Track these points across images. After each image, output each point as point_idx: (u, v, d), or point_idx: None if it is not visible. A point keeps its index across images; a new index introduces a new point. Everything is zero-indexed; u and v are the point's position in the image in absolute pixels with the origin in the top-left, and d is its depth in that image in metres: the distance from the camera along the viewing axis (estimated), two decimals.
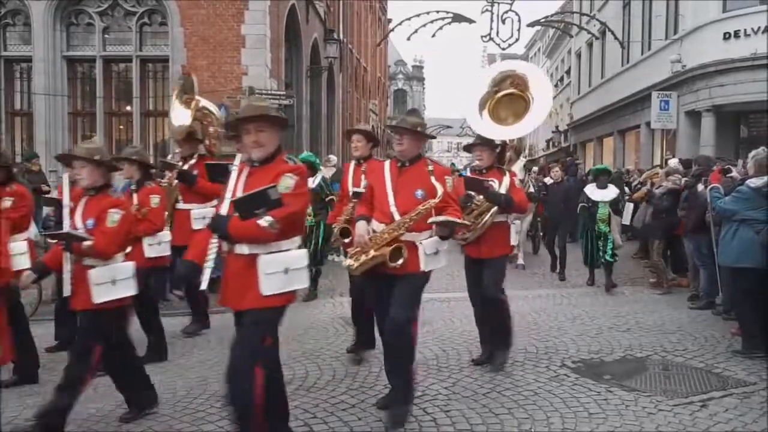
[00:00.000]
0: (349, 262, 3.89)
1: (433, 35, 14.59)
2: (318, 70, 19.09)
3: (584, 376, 4.77)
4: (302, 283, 3.29)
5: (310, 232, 7.56)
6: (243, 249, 3.18)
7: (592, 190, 8.68)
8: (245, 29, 13.30)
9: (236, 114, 11.57)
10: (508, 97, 5.24)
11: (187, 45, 13.32)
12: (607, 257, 8.49)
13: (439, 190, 3.83)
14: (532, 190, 10.01)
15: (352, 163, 5.35)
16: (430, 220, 3.81)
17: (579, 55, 26.38)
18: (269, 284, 3.14)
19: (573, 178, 12.62)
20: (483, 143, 5.02)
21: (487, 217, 4.81)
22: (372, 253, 3.79)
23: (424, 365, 5.04)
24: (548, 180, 11.32)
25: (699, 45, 14.17)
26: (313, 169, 7.41)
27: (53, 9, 13.44)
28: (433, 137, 11.20)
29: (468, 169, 9.73)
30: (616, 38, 16.30)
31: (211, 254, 3.16)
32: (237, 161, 3.33)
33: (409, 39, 26.99)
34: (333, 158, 12.84)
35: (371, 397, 4.32)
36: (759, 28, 12.83)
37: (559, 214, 9.71)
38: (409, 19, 14.59)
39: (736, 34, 13.25)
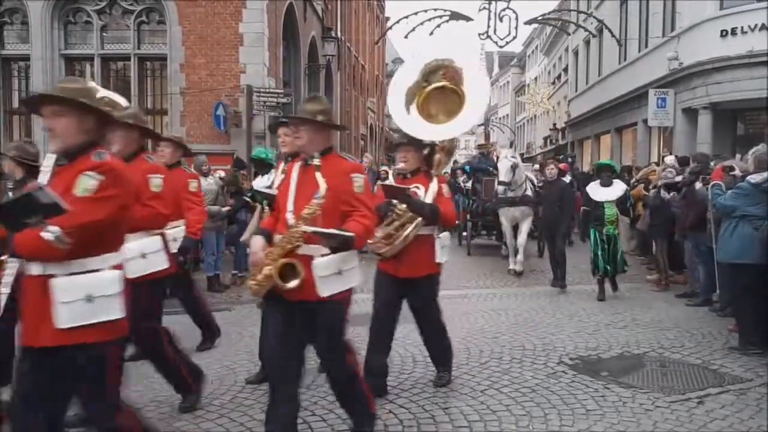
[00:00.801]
0: (249, 282, 3.25)
1: (431, 33, 14.59)
2: (316, 68, 19.08)
3: (582, 373, 4.80)
4: (114, 313, 2.57)
5: None
6: (35, 268, 2.49)
7: (594, 189, 7.84)
8: (243, 27, 13.29)
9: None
10: (439, 91, 4.53)
11: (185, 43, 13.31)
12: (619, 267, 7.72)
13: (322, 188, 3.12)
14: (529, 192, 9.71)
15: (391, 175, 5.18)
16: (308, 230, 3.08)
17: (576, 53, 26.38)
18: (66, 315, 2.45)
19: (572, 176, 12.53)
20: (409, 143, 4.32)
21: (409, 230, 4.08)
22: (266, 270, 3.11)
23: (422, 363, 5.06)
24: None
25: (696, 42, 14.18)
26: (268, 167, 6.60)
27: (51, 7, 13.41)
28: (342, 127, 10.45)
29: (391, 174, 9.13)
30: (613, 36, 16.32)
31: (7, 275, 2.66)
32: (48, 161, 2.67)
33: (406, 37, 27.03)
34: None
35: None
36: (756, 25, 12.84)
37: (554, 217, 8.51)
38: (406, 17, 14.62)
39: (733, 32, 13.25)
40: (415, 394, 4.36)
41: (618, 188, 7.83)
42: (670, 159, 9.20)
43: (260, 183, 6.81)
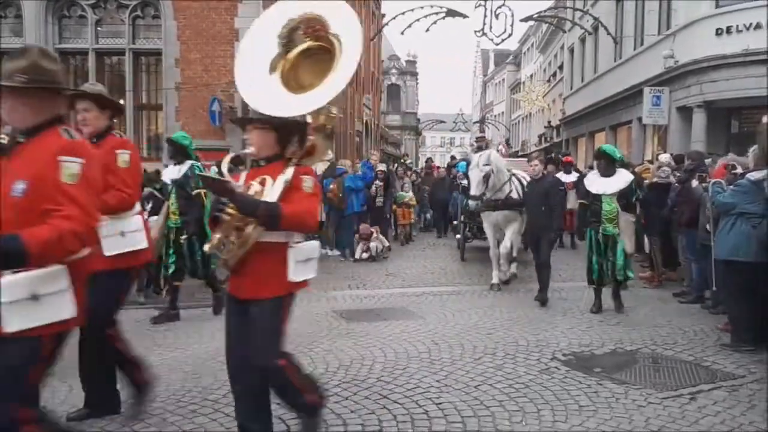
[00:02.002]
0: None
1: (427, 30, 14.60)
2: None
3: (575, 369, 4.82)
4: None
5: (177, 236, 6.45)
6: None
7: (592, 180, 6.91)
8: (238, 23, 13.24)
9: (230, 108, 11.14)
10: (306, 55, 3.36)
11: (180, 38, 13.26)
12: (619, 275, 6.66)
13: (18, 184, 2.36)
14: (515, 194, 8.33)
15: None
16: None
17: (572, 51, 26.40)
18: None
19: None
20: (261, 120, 3.21)
21: (250, 231, 3.07)
22: None
23: (416, 358, 5.08)
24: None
25: (691, 41, 14.21)
26: (184, 155, 6.50)
27: (45, 1, 13.33)
28: (62, 89, 2.89)
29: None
30: (608, 33, 16.36)
31: None
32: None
33: (402, 33, 26.97)
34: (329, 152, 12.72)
35: (364, 390, 4.35)
36: (751, 24, 12.88)
37: (539, 220, 7.38)
38: (403, 13, 14.62)
39: (729, 30, 13.28)
40: (409, 390, 4.37)
41: (621, 179, 6.70)
42: (664, 157, 9.21)
43: (170, 173, 6.71)
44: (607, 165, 6.73)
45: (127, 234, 3.77)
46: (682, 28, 14.60)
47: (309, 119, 3.31)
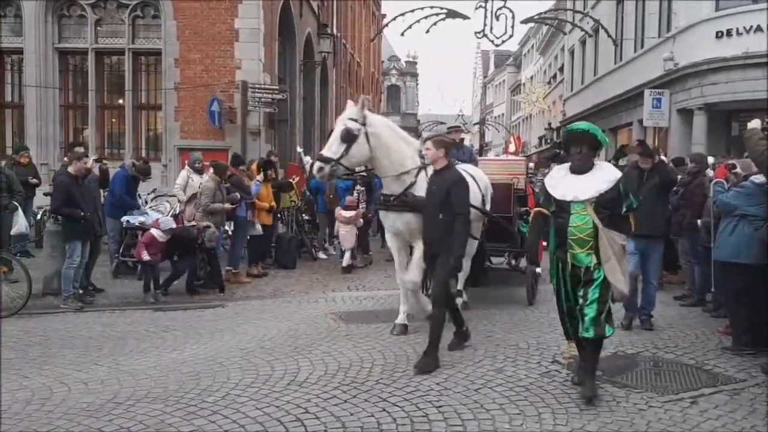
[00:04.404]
0: None
1: (427, 31, 14.55)
2: (311, 64, 19.02)
3: (576, 373, 4.79)
4: None
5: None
6: None
7: (556, 179, 4.36)
8: (238, 23, 13.24)
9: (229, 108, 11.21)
10: None
11: (180, 38, 13.25)
12: (585, 331, 4.13)
13: None
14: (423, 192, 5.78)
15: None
16: None
17: (572, 53, 26.41)
18: None
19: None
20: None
21: None
22: None
23: (416, 361, 5.04)
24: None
25: (692, 43, 14.21)
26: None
27: (45, 1, 13.32)
28: None
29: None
30: (609, 36, 16.33)
31: None
32: None
33: (402, 35, 26.95)
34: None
35: (363, 393, 4.32)
36: (751, 27, 12.87)
37: (434, 232, 5.18)
38: (403, 14, 14.56)
39: (729, 33, 13.28)
40: (409, 393, 4.34)
41: (601, 177, 4.20)
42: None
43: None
44: (588, 154, 4.25)
45: None
46: (683, 30, 14.60)
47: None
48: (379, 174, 5.84)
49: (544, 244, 4.85)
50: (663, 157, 7.40)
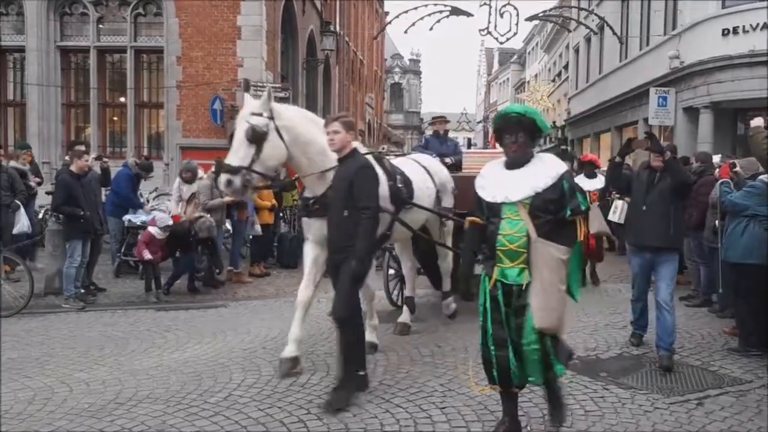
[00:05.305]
0: None
1: (431, 28, 14.52)
2: (314, 62, 18.99)
3: (580, 374, 4.75)
4: None
5: None
6: None
7: (487, 177, 3.61)
8: (241, 20, 13.21)
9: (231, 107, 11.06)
10: None
11: (182, 36, 13.22)
12: (532, 376, 3.45)
13: None
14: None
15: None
16: None
17: (577, 50, 26.31)
18: None
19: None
20: None
21: None
22: None
23: (419, 362, 5.01)
24: None
25: (697, 41, 14.12)
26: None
27: None
28: None
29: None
30: (614, 33, 16.27)
31: None
32: None
33: (406, 32, 26.95)
34: None
35: (366, 394, 4.29)
36: (758, 24, 12.78)
37: (337, 233, 4.37)
38: (406, 12, 14.53)
39: (735, 31, 13.19)
40: (412, 394, 4.30)
41: (541, 173, 3.42)
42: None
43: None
44: (525, 143, 3.43)
45: None
46: (688, 28, 14.50)
47: None
48: (299, 175, 4.84)
49: None
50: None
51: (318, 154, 4.55)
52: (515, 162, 3.45)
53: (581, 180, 8.31)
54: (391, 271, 7.06)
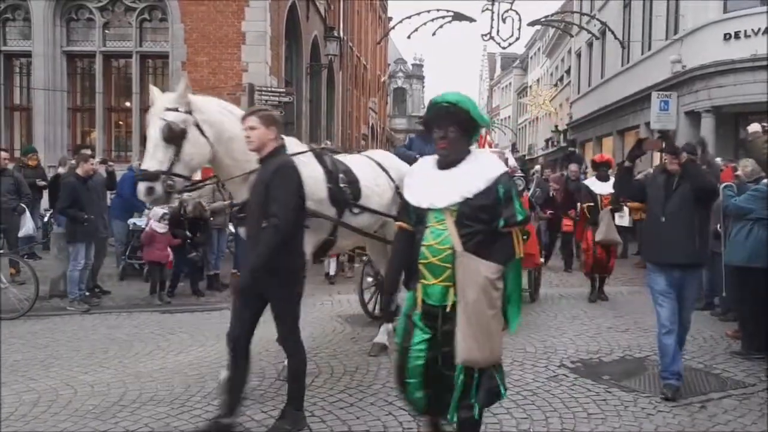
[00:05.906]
0: None
1: (434, 34, 14.59)
2: (318, 67, 19.04)
3: (583, 377, 4.77)
4: None
5: None
6: None
7: (413, 179, 3.19)
8: (246, 26, 13.26)
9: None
10: None
11: (188, 41, 13.28)
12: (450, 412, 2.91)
13: None
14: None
15: None
16: None
17: (579, 55, 26.35)
18: None
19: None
20: None
21: None
22: None
23: None
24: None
25: (699, 45, 14.14)
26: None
27: (53, 4, 13.38)
28: None
29: None
30: (616, 38, 16.29)
31: None
32: None
33: (409, 37, 27.03)
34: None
35: (369, 396, 4.31)
36: (759, 29, 12.79)
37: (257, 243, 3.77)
38: (409, 17, 14.59)
39: (737, 35, 13.21)
40: None
41: (477, 174, 2.96)
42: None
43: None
44: (457, 138, 2.97)
45: None
46: (690, 32, 14.52)
47: None
48: (221, 178, 4.35)
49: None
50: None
51: (243, 153, 3.90)
52: (446, 161, 2.98)
53: (593, 182, 7.88)
54: (369, 279, 6.57)
